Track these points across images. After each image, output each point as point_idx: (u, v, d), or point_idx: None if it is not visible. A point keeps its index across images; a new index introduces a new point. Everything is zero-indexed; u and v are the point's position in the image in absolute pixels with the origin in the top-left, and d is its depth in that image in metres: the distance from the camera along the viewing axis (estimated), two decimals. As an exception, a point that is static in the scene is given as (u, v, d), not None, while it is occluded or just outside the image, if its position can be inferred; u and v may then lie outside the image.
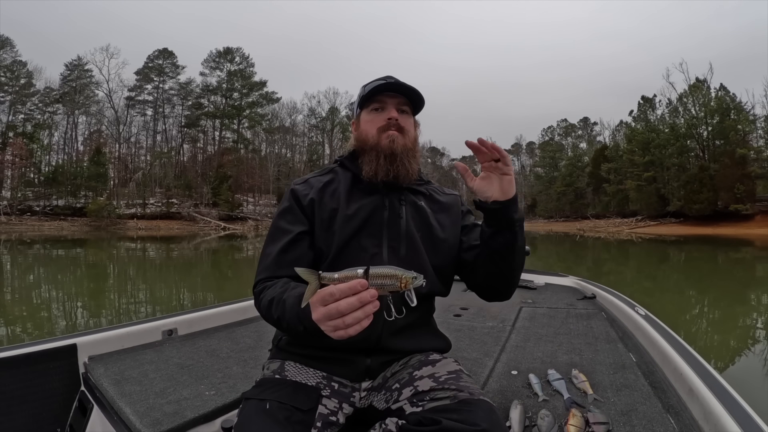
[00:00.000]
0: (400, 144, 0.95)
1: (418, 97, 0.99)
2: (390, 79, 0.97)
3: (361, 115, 1.01)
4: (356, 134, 1.02)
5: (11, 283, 8.25)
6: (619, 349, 1.66)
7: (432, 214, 1.01)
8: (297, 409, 0.79)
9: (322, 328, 0.67)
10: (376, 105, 0.98)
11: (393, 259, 0.92)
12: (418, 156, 1.01)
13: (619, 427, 1.04)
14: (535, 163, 63.92)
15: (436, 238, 0.98)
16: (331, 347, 0.90)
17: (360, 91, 1.03)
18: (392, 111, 0.97)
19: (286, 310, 0.78)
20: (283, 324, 0.80)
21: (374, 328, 0.89)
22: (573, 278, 3.18)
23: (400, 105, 0.98)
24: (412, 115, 1.02)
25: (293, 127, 54.59)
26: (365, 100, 0.99)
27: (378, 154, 0.95)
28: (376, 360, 0.92)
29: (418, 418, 0.76)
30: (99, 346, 1.55)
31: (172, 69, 47.98)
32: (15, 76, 41.75)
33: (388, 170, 0.94)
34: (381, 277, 0.66)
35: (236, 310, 2.12)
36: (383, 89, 0.97)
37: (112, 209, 38.98)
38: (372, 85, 0.98)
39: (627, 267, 12.08)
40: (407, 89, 0.97)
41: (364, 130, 0.99)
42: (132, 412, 1.15)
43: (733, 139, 34.28)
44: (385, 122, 0.96)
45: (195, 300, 6.68)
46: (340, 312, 0.62)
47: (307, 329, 0.73)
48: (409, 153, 0.97)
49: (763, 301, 6.67)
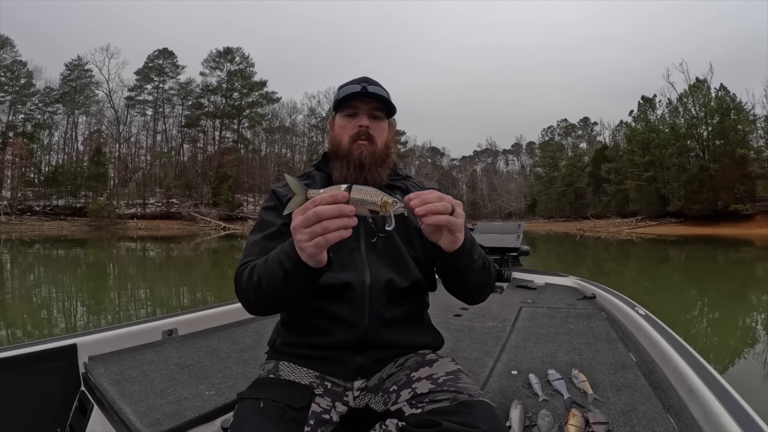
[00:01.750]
0: (369, 153, 0.97)
1: (388, 104, 1.01)
2: (363, 83, 0.99)
3: (335, 117, 1.04)
4: (331, 137, 1.05)
5: (11, 283, 8.25)
6: (619, 349, 1.66)
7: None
8: (290, 407, 0.80)
9: (297, 239, 0.68)
10: (349, 111, 1.00)
11: (371, 252, 0.94)
12: (390, 159, 1.03)
13: (619, 427, 1.04)
14: (535, 163, 63.93)
15: (412, 230, 0.98)
16: (323, 346, 0.91)
17: (335, 93, 1.05)
18: (363, 118, 0.99)
19: (267, 265, 0.79)
20: (263, 283, 0.79)
21: (360, 324, 0.89)
22: (573, 278, 3.18)
23: (373, 110, 1.00)
24: (386, 118, 1.04)
25: (293, 127, 54.66)
26: (338, 105, 1.01)
27: (348, 162, 0.97)
28: (368, 358, 0.92)
29: (418, 419, 0.76)
30: (99, 346, 1.55)
31: (172, 69, 48.05)
32: (15, 76, 41.78)
33: (357, 179, 0.96)
34: (362, 192, 0.68)
35: (236, 310, 2.12)
36: (355, 96, 0.99)
37: (112, 209, 39.01)
38: (345, 90, 1.00)
39: (627, 267, 12.08)
40: (377, 97, 0.98)
41: (337, 135, 1.01)
42: (132, 412, 1.15)
43: (733, 139, 34.28)
44: (356, 130, 0.98)
45: (195, 300, 6.69)
46: (318, 216, 0.64)
47: (287, 273, 0.73)
48: (378, 161, 0.99)
49: (763, 301, 6.67)
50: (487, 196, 65.62)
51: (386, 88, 1.04)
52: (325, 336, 0.91)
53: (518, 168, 70.22)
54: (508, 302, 2.60)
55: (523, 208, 59.60)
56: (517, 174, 68.47)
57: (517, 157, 70.71)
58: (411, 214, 0.73)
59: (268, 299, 0.82)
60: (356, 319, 0.90)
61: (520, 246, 3.45)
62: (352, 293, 0.90)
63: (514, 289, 3.04)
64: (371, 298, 0.90)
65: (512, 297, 2.77)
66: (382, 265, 0.93)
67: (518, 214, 57.57)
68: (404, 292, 0.94)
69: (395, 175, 1.06)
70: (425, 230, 0.78)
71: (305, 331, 0.94)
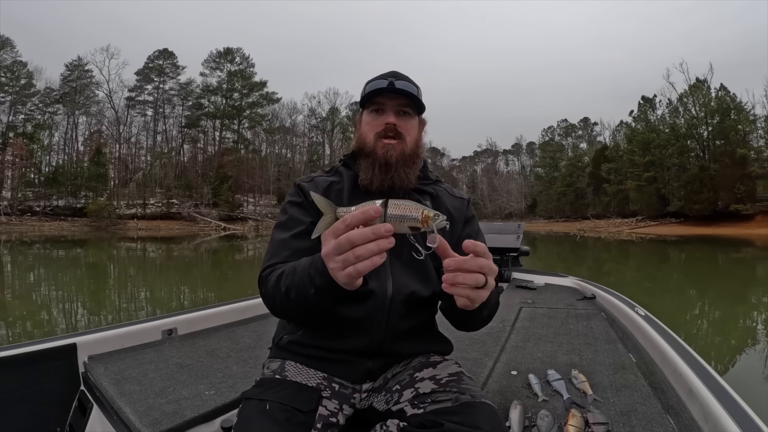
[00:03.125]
0: (396, 153, 0.92)
1: (417, 100, 0.95)
2: (391, 78, 0.93)
3: (362, 114, 0.99)
4: (357, 134, 1.00)
5: (11, 283, 8.25)
6: (618, 349, 1.66)
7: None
8: (297, 410, 0.78)
9: (330, 267, 0.63)
10: (376, 107, 0.95)
11: (395, 261, 0.90)
12: (420, 159, 0.97)
13: (619, 427, 1.04)
14: (535, 163, 63.91)
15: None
16: (334, 349, 0.89)
17: (363, 89, 0.99)
18: (390, 116, 0.93)
19: (296, 275, 0.74)
20: (291, 294, 0.75)
21: (376, 333, 0.87)
22: (573, 278, 3.18)
23: (401, 107, 0.94)
24: (416, 115, 0.97)
25: (293, 127, 54.72)
26: (365, 101, 0.96)
27: (374, 162, 0.92)
28: (378, 362, 0.91)
29: (420, 420, 0.76)
30: (99, 345, 1.55)
31: (172, 69, 48.04)
32: (15, 77, 41.77)
33: (383, 180, 0.91)
34: (400, 208, 0.61)
35: (236, 310, 2.12)
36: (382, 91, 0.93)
37: (112, 209, 38.98)
38: (371, 86, 0.94)
39: (627, 267, 12.07)
40: (405, 93, 0.92)
41: (363, 133, 0.96)
42: (132, 412, 1.15)
43: (733, 139, 34.28)
44: (383, 127, 0.93)
45: (195, 300, 6.68)
46: (351, 242, 0.58)
47: (318, 289, 0.69)
48: (407, 160, 0.93)
49: (763, 301, 6.67)
50: (487, 197, 65.60)
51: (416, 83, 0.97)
52: (338, 341, 0.89)
53: (518, 168, 70.24)
54: (508, 302, 2.60)
55: (523, 209, 59.56)
56: (517, 174, 68.44)
57: (518, 158, 70.71)
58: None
59: (297, 310, 0.79)
60: (373, 329, 0.87)
61: (520, 246, 3.45)
62: (373, 302, 0.86)
63: (514, 290, 3.04)
64: (391, 310, 0.87)
65: (512, 297, 2.77)
66: (405, 275, 0.89)
67: (518, 215, 57.53)
68: (423, 303, 0.91)
69: (425, 178, 1.01)
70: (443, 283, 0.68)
71: (316, 332, 0.91)
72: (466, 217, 1.02)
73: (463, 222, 1.01)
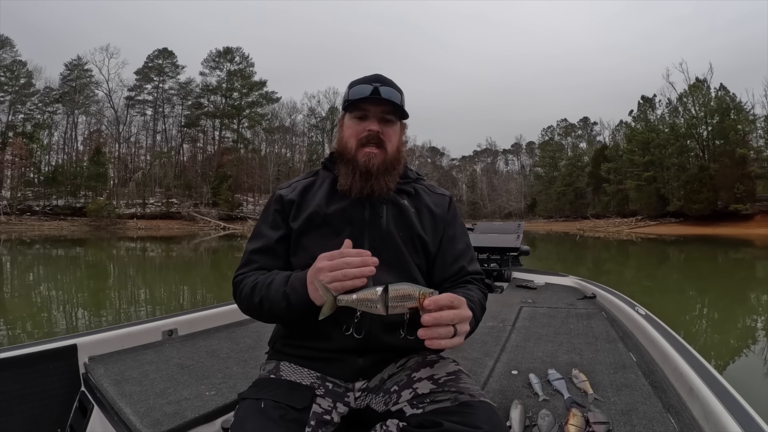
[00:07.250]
0: (378, 161, 0.92)
1: (401, 108, 0.95)
2: (376, 83, 0.92)
3: (345, 117, 0.98)
4: (339, 137, 1.00)
5: (11, 283, 8.25)
6: (619, 348, 1.66)
7: (415, 213, 0.98)
8: (291, 407, 0.80)
9: (321, 278, 0.73)
10: (359, 113, 0.94)
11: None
12: (400, 164, 0.98)
13: (620, 426, 1.04)
14: (535, 162, 63.91)
15: (418, 237, 0.96)
16: (324, 349, 0.91)
17: (345, 91, 0.99)
18: (373, 122, 0.92)
19: (271, 290, 0.83)
20: (265, 305, 0.84)
21: (363, 327, 0.88)
22: (573, 278, 3.19)
23: (384, 113, 0.93)
24: (398, 120, 0.98)
25: (293, 126, 54.63)
26: (348, 105, 0.95)
27: (354, 169, 0.92)
28: (369, 359, 0.91)
29: (419, 420, 0.76)
30: (99, 346, 1.55)
31: (171, 69, 47.99)
32: (15, 76, 41.73)
33: (362, 187, 0.92)
34: (399, 298, 0.70)
35: (236, 311, 2.11)
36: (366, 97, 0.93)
37: (111, 209, 38.95)
38: (355, 92, 0.94)
39: (627, 267, 12.09)
40: (389, 101, 0.92)
41: (345, 137, 0.96)
42: (132, 413, 1.15)
43: (733, 139, 34.27)
44: (365, 133, 0.93)
45: (195, 300, 6.68)
46: (347, 264, 0.73)
47: (290, 306, 0.80)
48: (388, 168, 0.94)
49: (763, 300, 6.67)
50: (486, 196, 65.59)
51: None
52: (327, 341, 0.90)
53: (518, 168, 70.20)
54: (508, 302, 2.60)
55: (523, 208, 59.56)
56: (517, 174, 68.42)
57: (517, 157, 70.68)
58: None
59: (268, 318, 0.90)
60: (358, 325, 0.88)
61: (520, 246, 3.45)
62: None
63: (514, 289, 3.04)
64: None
65: (512, 297, 2.77)
66: (386, 272, 0.90)
67: (518, 214, 57.52)
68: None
69: (404, 177, 1.01)
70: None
71: (306, 334, 0.93)
72: (449, 218, 1.03)
73: (446, 218, 1.02)
